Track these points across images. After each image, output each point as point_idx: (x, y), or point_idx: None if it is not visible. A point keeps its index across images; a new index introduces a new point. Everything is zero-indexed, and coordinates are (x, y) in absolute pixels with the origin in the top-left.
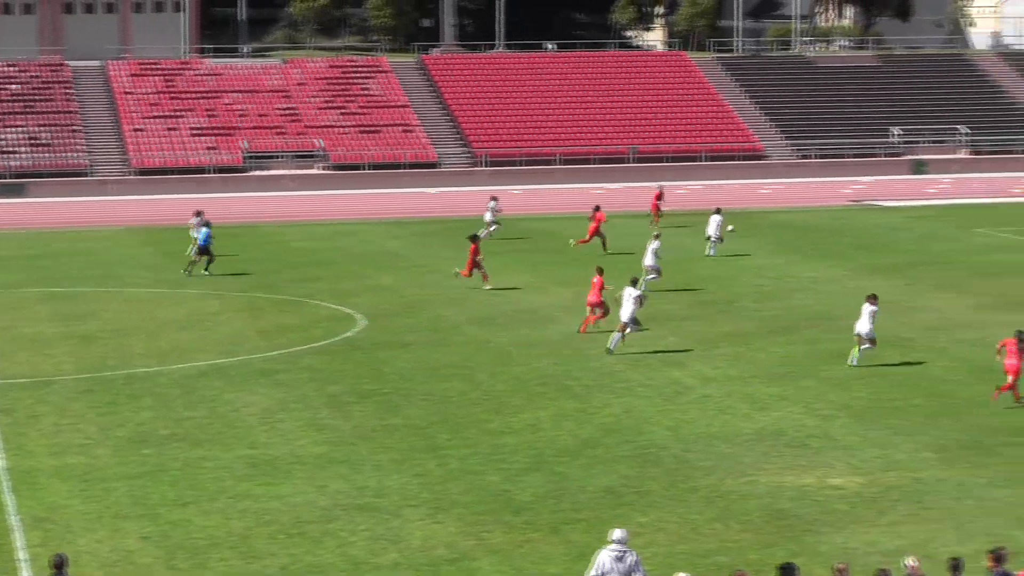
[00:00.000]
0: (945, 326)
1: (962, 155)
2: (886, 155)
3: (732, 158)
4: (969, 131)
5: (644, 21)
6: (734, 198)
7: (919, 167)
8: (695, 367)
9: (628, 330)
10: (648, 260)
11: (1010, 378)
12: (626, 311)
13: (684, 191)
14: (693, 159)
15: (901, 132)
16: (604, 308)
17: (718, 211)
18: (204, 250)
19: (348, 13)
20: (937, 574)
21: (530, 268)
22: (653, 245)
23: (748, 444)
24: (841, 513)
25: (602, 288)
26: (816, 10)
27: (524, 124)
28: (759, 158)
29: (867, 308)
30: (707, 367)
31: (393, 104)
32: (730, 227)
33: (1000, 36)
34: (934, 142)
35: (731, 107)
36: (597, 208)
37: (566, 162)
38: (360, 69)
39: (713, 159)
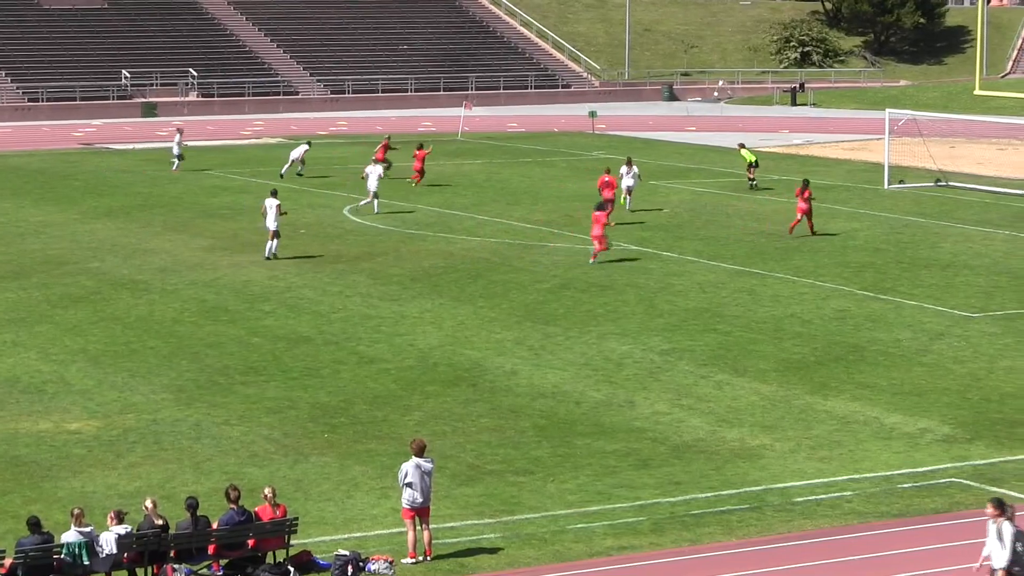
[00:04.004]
0: (177, 268)
1: (192, 98)
2: (117, 98)
3: None
4: (197, 74)
5: None
6: None
7: (149, 110)
8: None
9: None
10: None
11: (799, 215)
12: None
13: None
14: None
15: (130, 75)
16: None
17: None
18: None
19: None
20: (177, 513)
21: None
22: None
23: None
24: (79, 457)
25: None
26: None
27: None
28: None
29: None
30: None
31: None
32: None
33: None
34: (164, 84)
35: None
36: (420, 146)
37: None
38: None
39: None
